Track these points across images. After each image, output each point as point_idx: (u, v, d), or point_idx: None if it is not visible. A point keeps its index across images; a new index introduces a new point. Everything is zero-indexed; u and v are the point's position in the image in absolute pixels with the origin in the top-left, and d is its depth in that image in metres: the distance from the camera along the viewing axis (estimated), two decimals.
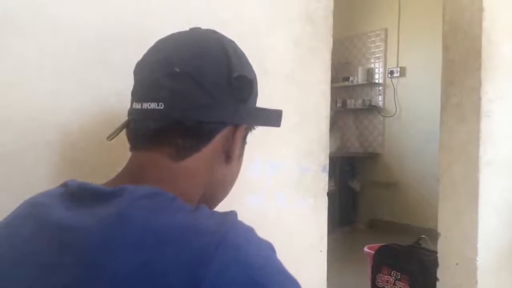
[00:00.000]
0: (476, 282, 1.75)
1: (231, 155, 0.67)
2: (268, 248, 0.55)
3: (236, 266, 0.49)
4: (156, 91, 0.63)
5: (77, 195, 0.60)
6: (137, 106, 0.64)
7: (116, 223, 0.53)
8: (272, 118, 0.72)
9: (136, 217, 0.53)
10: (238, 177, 0.75)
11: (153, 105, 0.62)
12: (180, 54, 0.64)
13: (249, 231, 0.56)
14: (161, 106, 0.61)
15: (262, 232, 0.57)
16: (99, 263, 0.50)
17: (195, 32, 0.69)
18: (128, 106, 0.68)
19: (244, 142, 0.72)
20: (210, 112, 0.62)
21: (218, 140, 0.65)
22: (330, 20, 1.35)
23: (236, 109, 0.65)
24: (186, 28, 0.71)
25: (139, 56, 0.69)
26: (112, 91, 0.92)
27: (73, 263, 0.51)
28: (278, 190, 1.25)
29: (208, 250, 0.49)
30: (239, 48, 0.70)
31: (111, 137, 0.69)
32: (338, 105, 6.32)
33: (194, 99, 0.62)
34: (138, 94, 0.66)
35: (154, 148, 0.63)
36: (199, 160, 0.64)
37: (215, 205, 0.73)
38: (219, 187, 0.71)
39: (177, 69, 0.61)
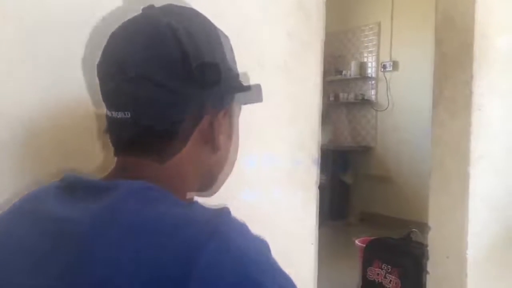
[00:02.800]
0: (466, 275, 1.77)
1: (216, 144, 0.64)
2: (261, 244, 0.55)
3: (228, 259, 0.48)
4: (119, 99, 0.60)
5: (72, 188, 0.60)
6: (109, 113, 0.62)
7: (109, 218, 0.52)
8: (251, 94, 0.69)
9: (129, 211, 0.53)
10: (237, 151, 0.72)
11: (120, 114, 0.59)
12: (132, 55, 0.59)
13: (242, 226, 0.55)
14: (127, 114, 0.59)
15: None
16: (92, 257, 0.49)
17: (146, 23, 0.62)
18: None
19: (232, 120, 0.68)
20: (179, 110, 0.59)
21: (198, 132, 0.62)
22: (323, 13, 1.34)
23: (206, 97, 0.61)
24: None
25: None
26: None
27: (66, 257, 0.51)
28: (269, 183, 1.25)
29: (199, 240, 0.48)
30: (196, 26, 0.63)
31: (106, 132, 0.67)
32: (330, 98, 6.33)
33: (158, 100, 0.58)
34: (105, 101, 0.63)
35: (135, 154, 0.61)
36: (184, 158, 0.62)
37: (219, 186, 0.73)
38: (216, 173, 0.70)
39: (132, 74, 0.57)
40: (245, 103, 0.69)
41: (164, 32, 0.59)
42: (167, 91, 0.58)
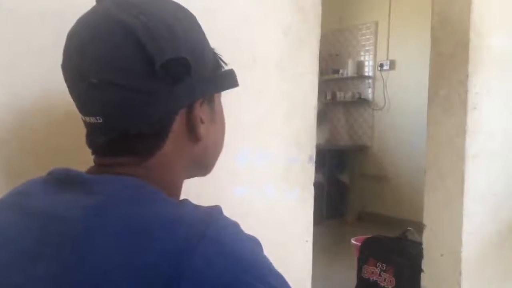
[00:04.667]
0: (460, 273, 1.77)
1: (198, 134, 0.62)
2: (253, 243, 0.54)
3: (220, 259, 0.48)
4: (87, 105, 0.58)
5: (62, 182, 0.58)
6: (82, 117, 0.60)
7: (98, 215, 0.52)
8: (226, 81, 0.66)
9: (119, 208, 0.52)
10: (225, 132, 0.71)
11: (92, 119, 0.57)
12: (91, 61, 0.56)
13: (234, 226, 0.55)
14: (99, 119, 0.57)
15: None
16: (80, 254, 0.49)
17: (100, 20, 0.57)
18: None
19: (212, 106, 0.65)
20: (150, 110, 0.56)
21: (177, 127, 0.60)
22: (319, 10, 1.34)
23: (179, 92, 0.58)
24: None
25: None
26: None
27: (54, 253, 0.51)
28: (265, 181, 1.25)
29: (191, 240, 0.48)
30: (154, 17, 0.57)
31: None
32: (327, 97, 6.33)
33: (127, 104, 0.56)
34: (76, 105, 0.61)
35: (113, 155, 0.60)
36: (166, 153, 0.60)
37: (211, 168, 0.71)
38: (204, 159, 0.68)
39: (94, 80, 0.55)
40: (218, 92, 0.67)
41: (121, 34, 0.55)
42: (134, 93, 0.55)
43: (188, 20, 0.63)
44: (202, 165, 0.69)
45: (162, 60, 0.54)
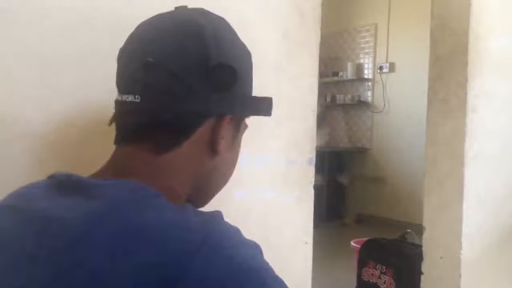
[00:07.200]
0: (460, 275, 1.77)
1: (216, 148, 0.63)
2: (253, 249, 0.54)
3: (220, 264, 0.48)
4: (132, 83, 0.60)
5: (63, 186, 0.59)
6: (119, 97, 0.62)
7: (98, 218, 0.52)
8: (262, 107, 0.68)
9: (118, 212, 0.52)
10: (234, 168, 0.71)
11: (130, 98, 0.60)
12: (155, 44, 0.61)
13: (235, 231, 0.55)
14: (137, 99, 0.59)
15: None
16: (78, 257, 0.49)
17: (176, 16, 0.64)
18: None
19: (236, 131, 0.67)
20: (187, 104, 0.59)
21: (200, 133, 0.61)
22: (319, 12, 1.34)
23: (217, 99, 0.60)
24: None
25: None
26: (103, 84, 0.90)
27: (52, 256, 0.51)
28: (264, 183, 1.25)
29: (191, 247, 0.48)
30: (224, 30, 0.64)
31: (110, 123, 0.67)
32: (327, 100, 6.34)
33: (169, 91, 0.59)
34: (119, 85, 0.64)
35: (134, 142, 0.61)
36: (181, 154, 0.61)
37: (208, 198, 0.71)
38: (209, 180, 0.68)
39: (151, 59, 0.58)
40: (253, 115, 0.68)
41: (190, 27, 0.61)
42: (179, 83, 0.58)
43: (244, 48, 0.69)
44: (203, 188, 0.68)
45: (216, 63, 0.59)
